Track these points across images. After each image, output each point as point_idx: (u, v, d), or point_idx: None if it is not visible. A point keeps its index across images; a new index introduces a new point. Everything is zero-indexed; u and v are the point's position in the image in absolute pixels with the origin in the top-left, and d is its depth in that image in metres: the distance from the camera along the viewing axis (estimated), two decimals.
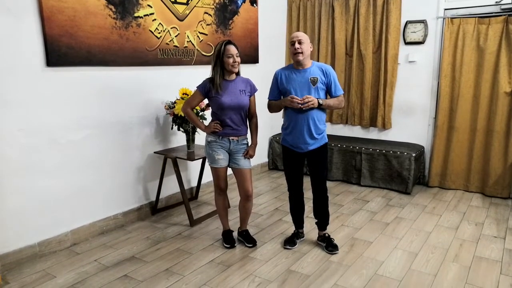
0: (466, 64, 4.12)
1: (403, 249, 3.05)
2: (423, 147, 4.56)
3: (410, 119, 4.63)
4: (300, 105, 2.73)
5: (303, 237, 3.22)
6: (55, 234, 3.03)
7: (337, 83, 2.88)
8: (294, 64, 2.86)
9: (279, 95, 2.94)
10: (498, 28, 3.91)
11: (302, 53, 2.75)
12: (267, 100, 3.02)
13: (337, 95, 2.88)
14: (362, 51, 4.68)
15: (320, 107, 2.79)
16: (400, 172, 4.28)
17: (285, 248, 3.07)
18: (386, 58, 4.54)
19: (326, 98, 2.89)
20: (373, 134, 4.91)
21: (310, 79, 2.78)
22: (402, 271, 2.74)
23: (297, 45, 2.75)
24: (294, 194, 3.07)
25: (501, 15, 3.89)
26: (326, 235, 3.12)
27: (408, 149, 4.34)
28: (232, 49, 2.76)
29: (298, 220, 3.16)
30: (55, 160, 2.97)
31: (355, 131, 5.03)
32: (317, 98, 2.77)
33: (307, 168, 3.03)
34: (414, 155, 4.22)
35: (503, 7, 3.88)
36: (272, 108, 3.02)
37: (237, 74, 2.90)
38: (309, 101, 2.72)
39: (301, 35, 2.79)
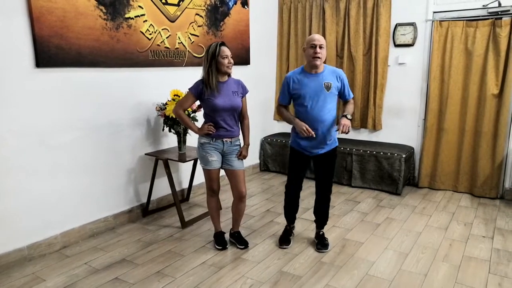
0: (455, 66, 4.17)
1: (394, 249, 3.08)
2: (413, 148, 4.60)
3: (400, 120, 4.67)
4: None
5: (293, 233, 3.23)
6: (45, 237, 2.99)
7: (348, 87, 2.89)
8: (308, 68, 2.80)
9: (290, 100, 2.93)
10: (486, 31, 3.97)
11: (321, 58, 2.71)
12: (278, 103, 2.98)
13: (349, 99, 2.92)
14: (352, 53, 4.71)
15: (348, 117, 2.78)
16: (391, 173, 4.32)
17: (281, 248, 3.08)
18: (376, 60, 4.58)
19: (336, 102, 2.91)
20: (363, 135, 4.95)
21: (325, 84, 2.76)
22: (393, 271, 2.77)
23: (318, 50, 2.68)
24: (293, 193, 3.06)
25: (488, 19, 3.96)
26: (321, 233, 3.15)
27: (398, 150, 4.38)
28: (227, 50, 2.77)
29: (292, 217, 3.17)
30: (45, 162, 2.93)
31: None
32: (345, 116, 2.76)
33: (314, 170, 3.03)
34: (404, 156, 4.27)
35: (490, 10, 3.95)
36: (282, 117, 2.99)
37: (229, 75, 2.90)
38: (348, 128, 2.70)
39: (322, 39, 2.71)
